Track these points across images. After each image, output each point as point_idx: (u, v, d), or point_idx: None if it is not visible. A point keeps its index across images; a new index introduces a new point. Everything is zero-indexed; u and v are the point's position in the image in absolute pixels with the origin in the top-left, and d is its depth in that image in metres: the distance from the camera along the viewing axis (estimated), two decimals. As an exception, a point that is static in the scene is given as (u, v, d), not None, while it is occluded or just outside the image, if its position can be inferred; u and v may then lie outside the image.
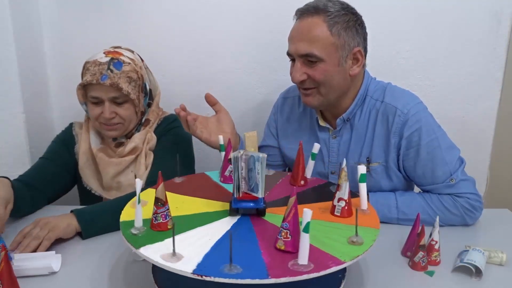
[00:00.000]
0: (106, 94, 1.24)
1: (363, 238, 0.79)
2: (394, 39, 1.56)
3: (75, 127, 1.39)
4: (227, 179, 1.06)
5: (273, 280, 0.68)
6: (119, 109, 1.27)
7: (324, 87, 1.14)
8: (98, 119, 1.28)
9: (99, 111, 1.26)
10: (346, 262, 0.73)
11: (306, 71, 1.13)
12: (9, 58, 1.44)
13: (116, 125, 1.29)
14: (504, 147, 1.77)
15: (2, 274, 0.78)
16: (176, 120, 1.39)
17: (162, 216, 0.82)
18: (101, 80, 1.21)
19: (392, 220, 1.16)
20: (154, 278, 0.88)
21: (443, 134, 1.17)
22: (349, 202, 0.88)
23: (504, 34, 1.54)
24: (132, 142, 1.32)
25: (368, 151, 1.20)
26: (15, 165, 1.54)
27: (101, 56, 1.26)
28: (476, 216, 1.15)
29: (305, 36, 1.11)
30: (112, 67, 1.23)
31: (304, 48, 1.11)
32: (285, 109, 1.37)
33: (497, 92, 1.61)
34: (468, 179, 1.16)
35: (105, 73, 1.22)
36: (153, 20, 1.57)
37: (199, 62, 1.61)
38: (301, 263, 0.71)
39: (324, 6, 1.11)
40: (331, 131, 1.25)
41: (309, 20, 1.11)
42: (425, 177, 1.16)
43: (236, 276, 0.68)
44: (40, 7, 1.56)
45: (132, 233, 0.81)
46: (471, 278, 0.93)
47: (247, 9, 1.56)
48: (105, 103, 1.25)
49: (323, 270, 0.70)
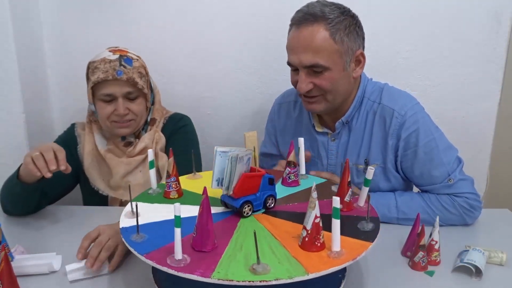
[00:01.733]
0: (121, 90, 1.24)
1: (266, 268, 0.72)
2: (394, 39, 1.56)
3: (77, 128, 1.39)
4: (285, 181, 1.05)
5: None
6: (132, 105, 1.27)
7: (331, 94, 1.13)
8: (109, 118, 1.27)
9: (111, 109, 1.26)
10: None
11: (312, 80, 1.11)
12: (9, 58, 1.44)
13: (129, 122, 1.29)
14: (504, 147, 1.77)
15: (2, 274, 0.78)
16: (182, 119, 1.41)
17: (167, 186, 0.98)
18: (117, 75, 1.22)
19: (392, 220, 1.16)
20: (154, 278, 0.88)
21: (441, 134, 1.17)
22: (312, 233, 0.75)
23: (504, 34, 1.54)
24: (142, 142, 1.32)
25: (366, 153, 1.20)
26: (15, 165, 1.53)
27: (108, 54, 1.26)
28: (475, 215, 1.15)
29: (308, 46, 1.08)
30: (124, 63, 1.24)
31: (308, 59, 1.08)
32: (281, 114, 1.37)
33: (497, 92, 1.61)
34: (467, 178, 1.16)
35: (119, 69, 1.22)
36: (153, 20, 1.57)
37: (199, 62, 1.61)
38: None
39: (322, 12, 1.08)
40: (329, 135, 1.25)
41: (310, 29, 1.08)
42: (424, 178, 1.17)
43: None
44: (40, 7, 1.56)
45: (148, 193, 1.01)
46: (471, 278, 0.93)
47: (247, 9, 1.55)
48: (118, 99, 1.25)
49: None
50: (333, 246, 0.74)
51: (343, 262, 0.72)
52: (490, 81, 1.59)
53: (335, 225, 0.73)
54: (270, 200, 0.90)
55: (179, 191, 0.99)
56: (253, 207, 0.88)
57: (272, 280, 0.67)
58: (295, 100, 1.34)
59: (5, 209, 1.23)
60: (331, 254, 0.74)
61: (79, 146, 1.36)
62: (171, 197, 0.98)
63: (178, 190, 0.99)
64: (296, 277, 0.68)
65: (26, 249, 1.03)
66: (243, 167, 0.85)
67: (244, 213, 0.87)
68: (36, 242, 1.08)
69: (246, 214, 0.87)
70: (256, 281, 0.68)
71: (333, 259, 0.73)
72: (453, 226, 1.15)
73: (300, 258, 0.73)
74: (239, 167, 0.84)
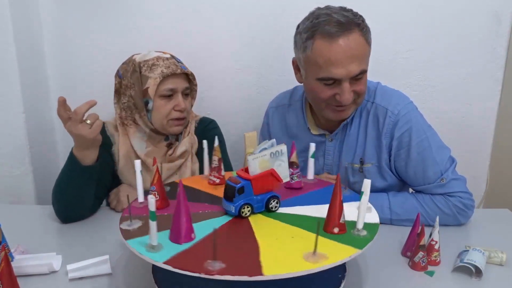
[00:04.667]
0: (181, 85, 1.27)
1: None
2: (394, 39, 1.56)
3: (108, 128, 1.35)
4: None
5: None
6: (186, 102, 1.29)
7: (361, 97, 1.14)
8: (168, 116, 1.27)
9: (171, 106, 1.26)
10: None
11: (353, 88, 1.10)
12: (9, 58, 1.44)
13: (183, 120, 1.30)
14: (504, 147, 1.77)
15: (2, 274, 0.78)
16: (211, 123, 1.43)
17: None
18: (183, 69, 1.26)
19: (385, 221, 1.15)
20: (154, 278, 0.88)
21: (433, 134, 1.17)
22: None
23: (504, 34, 1.54)
24: (183, 146, 1.31)
25: (361, 152, 1.21)
26: (15, 165, 1.54)
27: (159, 54, 1.28)
28: (469, 214, 1.15)
29: (355, 56, 1.06)
30: (179, 61, 1.29)
31: (357, 68, 1.07)
32: (275, 118, 1.36)
33: (497, 92, 1.61)
34: (459, 178, 1.16)
35: (181, 65, 1.27)
36: (153, 20, 1.57)
37: (199, 62, 1.61)
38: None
39: (350, 19, 1.06)
40: (327, 135, 1.25)
41: (350, 38, 1.05)
42: (417, 178, 1.17)
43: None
44: (40, 7, 1.56)
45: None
46: (471, 278, 0.93)
47: (247, 9, 1.55)
48: (178, 95, 1.27)
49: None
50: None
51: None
52: (490, 81, 1.59)
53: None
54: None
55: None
56: (253, 209, 0.86)
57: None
58: (289, 104, 1.34)
59: (61, 212, 1.20)
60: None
61: (114, 147, 1.33)
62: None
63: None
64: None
65: (26, 249, 1.03)
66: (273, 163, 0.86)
67: (243, 213, 0.85)
68: (36, 242, 1.08)
69: (245, 215, 0.85)
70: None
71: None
72: (448, 226, 1.14)
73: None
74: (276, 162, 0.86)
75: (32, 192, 1.57)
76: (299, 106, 1.30)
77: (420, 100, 1.18)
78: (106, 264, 0.95)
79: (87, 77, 1.62)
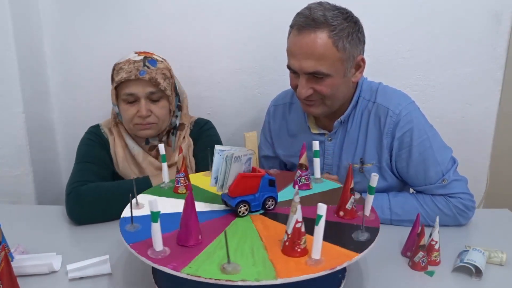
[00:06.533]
0: (143, 90, 1.24)
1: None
2: (394, 39, 1.56)
3: (103, 129, 1.37)
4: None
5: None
6: (154, 107, 1.27)
7: (330, 99, 1.13)
8: (132, 120, 1.27)
9: (134, 111, 1.25)
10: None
11: (313, 86, 1.11)
12: (9, 58, 1.44)
13: (150, 125, 1.28)
14: (504, 147, 1.77)
15: (2, 274, 0.78)
16: (206, 124, 1.43)
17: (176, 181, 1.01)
18: (140, 75, 1.22)
19: (385, 221, 1.15)
20: (154, 278, 0.88)
21: (435, 134, 1.17)
22: (292, 238, 0.73)
23: (504, 34, 1.54)
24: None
25: (362, 152, 1.20)
26: (15, 165, 1.54)
27: (134, 55, 1.27)
28: (469, 215, 1.15)
29: (311, 54, 1.06)
30: (148, 64, 1.25)
31: (310, 66, 1.07)
32: (276, 116, 1.37)
33: (497, 92, 1.60)
34: (461, 179, 1.16)
35: (142, 69, 1.23)
36: (153, 20, 1.57)
37: (199, 62, 1.61)
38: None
39: (325, 18, 1.05)
40: (326, 135, 1.25)
41: (312, 36, 1.05)
42: (418, 178, 1.16)
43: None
44: (40, 7, 1.56)
45: (160, 186, 1.05)
46: (471, 278, 0.93)
47: (247, 9, 1.55)
48: (141, 100, 1.25)
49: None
50: (313, 253, 0.72)
51: (319, 271, 0.69)
52: (490, 81, 1.59)
53: (318, 232, 0.70)
54: (270, 201, 0.90)
55: (187, 187, 1.01)
56: (250, 207, 0.87)
57: (238, 281, 0.67)
58: (290, 102, 1.34)
59: (85, 218, 1.20)
60: (309, 261, 0.71)
61: (111, 149, 1.34)
62: (179, 192, 1.01)
63: (186, 185, 1.01)
64: (263, 280, 0.67)
65: (26, 249, 1.03)
66: (240, 166, 0.85)
67: (240, 212, 0.87)
68: (36, 242, 1.07)
69: (242, 214, 0.87)
70: (222, 280, 0.67)
71: (309, 266, 0.70)
72: (448, 226, 1.14)
73: (276, 262, 0.72)
74: (235, 166, 0.84)
75: (32, 192, 1.57)
76: (300, 105, 1.30)
77: (420, 100, 1.18)
78: (106, 264, 0.95)
79: (87, 78, 1.62)
